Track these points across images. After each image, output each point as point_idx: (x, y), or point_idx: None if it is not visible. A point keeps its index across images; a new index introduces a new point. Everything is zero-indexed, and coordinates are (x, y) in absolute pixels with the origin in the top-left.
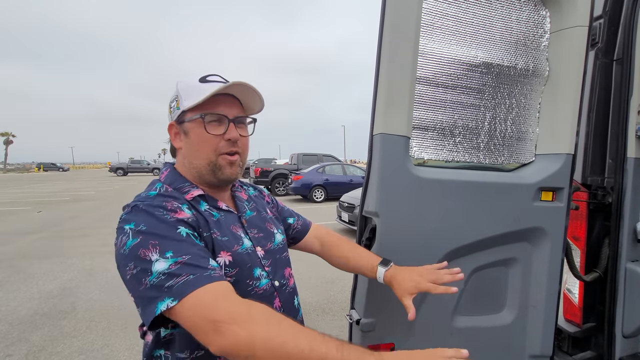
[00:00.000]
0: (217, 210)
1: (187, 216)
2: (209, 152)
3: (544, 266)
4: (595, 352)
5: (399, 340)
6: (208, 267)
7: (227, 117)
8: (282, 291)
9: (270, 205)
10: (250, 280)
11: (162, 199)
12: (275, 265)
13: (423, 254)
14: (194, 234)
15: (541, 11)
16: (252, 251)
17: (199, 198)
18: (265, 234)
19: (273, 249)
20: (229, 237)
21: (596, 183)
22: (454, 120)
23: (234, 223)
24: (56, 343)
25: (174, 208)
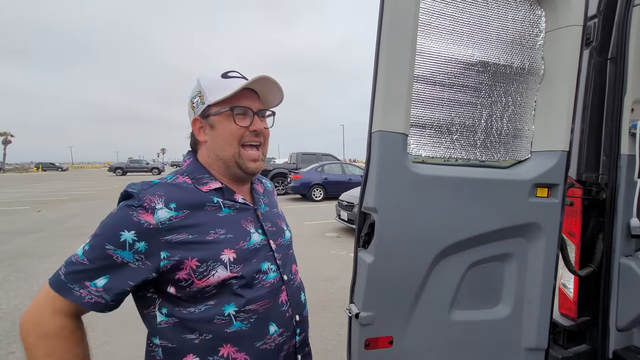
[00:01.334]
0: (232, 203)
1: (152, 222)
2: (232, 143)
3: (539, 261)
4: (590, 345)
5: (397, 333)
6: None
7: (252, 109)
8: (290, 285)
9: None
10: (257, 273)
11: (155, 190)
12: (285, 259)
13: (421, 249)
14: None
15: (536, 10)
16: (263, 245)
17: (214, 192)
18: (277, 229)
19: (283, 244)
20: (235, 233)
21: (591, 179)
22: (451, 118)
23: (247, 217)
24: None
25: (149, 206)
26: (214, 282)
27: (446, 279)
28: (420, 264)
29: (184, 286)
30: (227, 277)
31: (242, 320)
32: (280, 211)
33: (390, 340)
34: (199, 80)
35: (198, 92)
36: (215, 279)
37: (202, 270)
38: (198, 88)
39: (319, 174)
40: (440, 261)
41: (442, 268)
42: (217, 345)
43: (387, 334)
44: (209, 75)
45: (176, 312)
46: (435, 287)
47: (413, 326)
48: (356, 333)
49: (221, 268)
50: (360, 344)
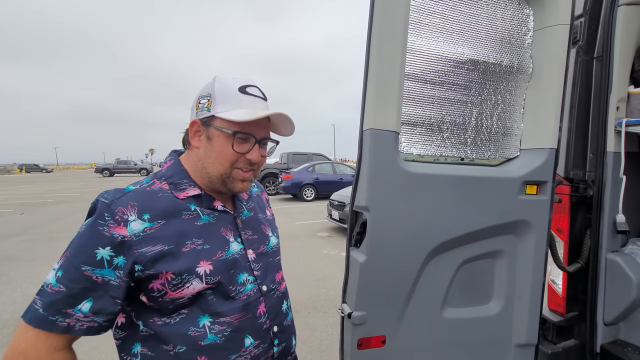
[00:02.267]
0: (210, 211)
1: (126, 235)
2: (225, 164)
3: (529, 258)
4: (578, 340)
5: (389, 332)
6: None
7: (254, 137)
8: (269, 296)
9: (268, 207)
10: (234, 286)
11: (127, 200)
12: (266, 269)
13: (413, 248)
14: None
15: (525, 9)
16: (240, 255)
17: (192, 199)
18: (259, 236)
19: (266, 252)
20: (212, 244)
21: (578, 177)
22: (441, 116)
23: (226, 225)
24: None
25: (121, 218)
26: (188, 294)
27: (438, 277)
28: (412, 262)
29: (156, 296)
30: (202, 289)
31: (216, 333)
32: (268, 215)
33: (383, 340)
34: (215, 81)
35: (209, 94)
36: (189, 291)
37: (177, 282)
38: (210, 90)
39: (310, 174)
40: (433, 259)
41: (434, 266)
42: (192, 358)
43: (379, 334)
44: (227, 82)
45: (150, 323)
46: (427, 285)
47: (405, 325)
48: (349, 333)
49: (196, 280)
50: (352, 344)
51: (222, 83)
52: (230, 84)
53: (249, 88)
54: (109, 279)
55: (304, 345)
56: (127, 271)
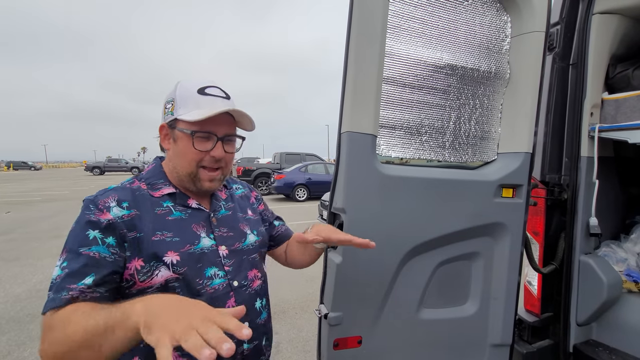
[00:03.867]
0: (184, 208)
1: (110, 218)
2: (190, 163)
3: (504, 259)
4: (552, 340)
5: (366, 333)
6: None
7: (216, 135)
8: (240, 291)
9: (256, 206)
10: (200, 279)
11: (108, 194)
12: (239, 265)
13: (389, 249)
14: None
15: (503, 16)
16: (211, 250)
17: (167, 196)
18: (235, 233)
19: (241, 249)
20: (181, 237)
21: (554, 180)
22: (420, 119)
23: (199, 221)
24: (23, 348)
25: (104, 207)
26: (156, 284)
27: (415, 279)
28: (388, 264)
29: (124, 287)
30: (170, 277)
31: None
32: (250, 214)
33: (359, 340)
34: (177, 86)
35: (172, 99)
36: (158, 279)
37: (146, 270)
38: (173, 95)
39: (303, 174)
40: (409, 261)
41: (410, 267)
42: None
43: (355, 334)
44: (187, 86)
45: None
46: (403, 286)
47: (381, 326)
48: (325, 333)
49: (164, 268)
50: (329, 344)
51: (183, 87)
52: (190, 87)
53: (208, 89)
54: (104, 256)
55: (289, 345)
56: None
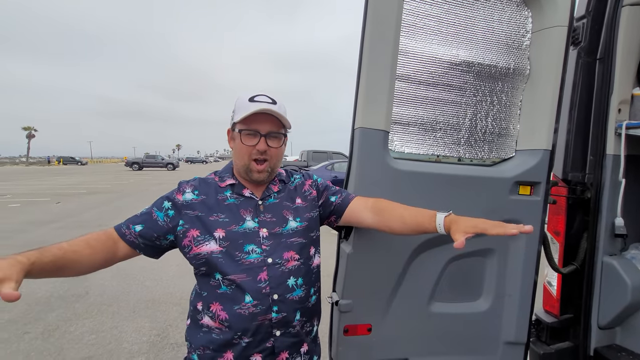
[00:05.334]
0: (238, 196)
1: (180, 199)
2: (244, 157)
3: (520, 257)
4: (572, 342)
5: (376, 321)
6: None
7: (259, 132)
8: (273, 268)
9: (308, 193)
10: (239, 252)
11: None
12: (276, 246)
13: (399, 243)
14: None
15: (523, 12)
16: (253, 231)
17: (229, 186)
18: (277, 219)
19: (280, 232)
20: (230, 219)
21: (576, 179)
22: (434, 116)
23: (247, 207)
24: (69, 323)
25: (183, 190)
26: (205, 251)
27: (426, 272)
28: (398, 256)
29: (186, 251)
30: (215, 249)
31: (227, 285)
32: (299, 202)
33: (368, 328)
34: (236, 99)
35: (234, 109)
36: (206, 249)
37: (200, 239)
38: (234, 106)
39: (329, 172)
40: (420, 254)
41: (421, 261)
42: (210, 302)
43: (365, 322)
44: (242, 96)
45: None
46: (414, 279)
47: (391, 316)
48: (336, 320)
49: (213, 242)
50: (339, 330)
51: (240, 98)
52: (244, 97)
53: (257, 97)
54: (157, 218)
55: None
56: (173, 221)
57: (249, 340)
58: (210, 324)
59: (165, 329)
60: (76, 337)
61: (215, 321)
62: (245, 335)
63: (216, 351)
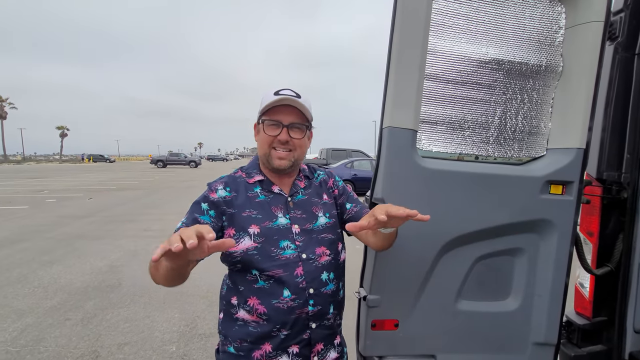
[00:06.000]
0: (268, 193)
1: (215, 197)
2: (264, 146)
3: (550, 257)
4: (605, 346)
5: (403, 317)
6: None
7: (282, 123)
8: (307, 263)
9: (331, 190)
10: (275, 248)
11: (220, 180)
12: (308, 241)
13: (426, 239)
14: (208, 209)
15: (556, 7)
16: (285, 227)
17: (257, 182)
18: (307, 215)
19: (311, 229)
20: (263, 215)
21: (612, 178)
22: (463, 114)
23: (278, 204)
24: (106, 312)
25: (214, 188)
26: (241, 249)
27: (454, 270)
28: (426, 253)
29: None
30: (250, 246)
31: (264, 280)
32: (326, 199)
33: (395, 324)
34: (263, 93)
35: (260, 103)
36: (242, 246)
37: (236, 238)
38: (260, 100)
39: (349, 170)
40: (448, 252)
41: (450, 259)
42: (247, 296)
43: (393, 317)
44: (268, 92)
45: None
46: (442, 276)
47: (419, 312)
48: (364, 314)
49: (247, 238)
50: (367, 325)
51: (266, 93)
52: (270, 92)
53: (282, 90)
54: (204, 222)
55: None
56: (218, 220)
57: (287, 333)
58: (246, 317)
59: (193, 320)
60: (112, 324)
61: (252, 315)
62: (283, 327)
63: (254, 343)
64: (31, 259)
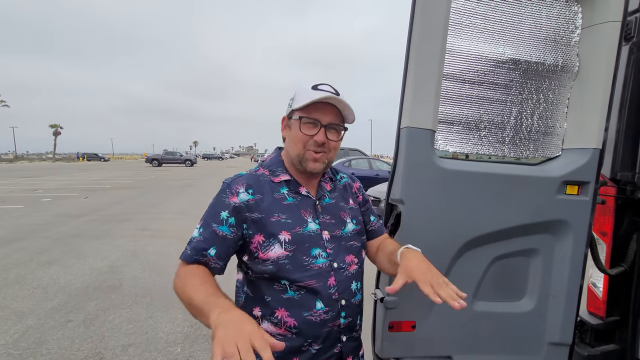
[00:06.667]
0: (296, 195)
1: (236, 202)
2: (299, 145)
3: (566, 258)
4: (618, 345)
5: (420, 319)
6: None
7: (320, 122)
8: (339, 272)
9: (356, 196)
10: (307, 257)
11: (240, 180)
12: (338, 249)
13: (444, 240)
14: (228, 217)
15: (573, 7)
16: (316, 233)
17: (284, 182)
18: (336, 221)
19: (340, 235)
20: (293, 220)
21: (626, 178)
22: (479, 114)
23: (307, 208)
24: (108, 312)
25: (235, 191)
26: (271, 257)
27: (470, 270)
28: (443, 254)
29: (253, 256)
30: (281, 255)
31: (294, 290)
32: (351, 204)
33: (413, 325)
34: (297, 86)
35: (293, 96)
36: (272, 254)
37: (265, 245)
38: (294, 93)
39: (346, 169)
40: (465, 253)
41: (466, 259)
42: (275, 307)
43: (410, 319)
44: (304, 85)
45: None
46: (458, 277)
47: (435, 313)
48: (381, 316)
49: (278, 245)
50: (384, 326)
51: (301, 86)
52: (306, 85)
53: (320, 85)
54: (225, 234)
55: None
56: (238, 228)
57: (319, 347)
58: (271, 330)
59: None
60: (115, 325)
61: (280, 327)
62: (315, 342)
63: (281, 359)
64: (29, 259)
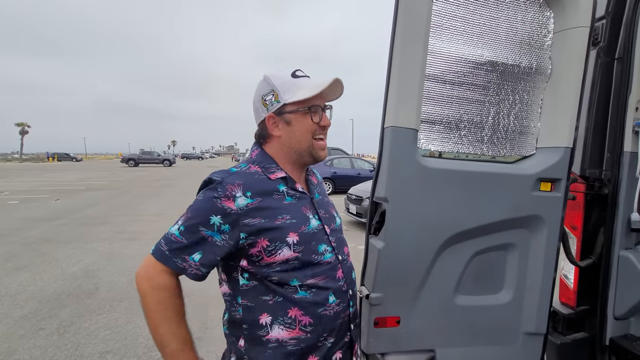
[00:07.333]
0: (294, 192)
1: (233, 208)
2: (308, 137)
3: (540, 251)
4: (588, 332)
5: (404, 314)
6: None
7: (321, 107)
8: (343, 264)
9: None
10: (315, 255)
11: (234, 180)
12: (338, 242)
13: (427, 237)
14: (222, 223)
15: (545, 12)
16: (320, 229)
17: (280, 180)
18: (329, 215)
19: (335, 228)
20: (297, 219)
21: (594, 175)
22: (459, 114)
23: (306, 204)
24: (83, 319)
25: (231, 195)
26: (279, 260)
27: (451, 266)
28: (427, 250)
29: (254, 260)
30: (290, 257)
31: (305, 290)
32: (330, 200)
33: (397, 320)
34: (268, 79)
35: (270, 90)
36: (280, 257)
37: (271, 249)
38: (269, 87)
39: (328, 168)
40: (447, 249)
41: (448, 255)
42: (287, 307)
43: (394, 314)
44: (279, 75)
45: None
46: (441, 272)
47: (419, 308)
48: (366, 312)
49: (286, 248)
50: (370, 322)
51: (277, 77)
52: (283, 75)
53: (296, 72)
54: (215, 240)
55: None
56: (232, 237)
57: (334, 340)
58: (281, 336)
59: None
60: (91, 332)
61: (294, 328)
62: (330, 335)
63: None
64: None
